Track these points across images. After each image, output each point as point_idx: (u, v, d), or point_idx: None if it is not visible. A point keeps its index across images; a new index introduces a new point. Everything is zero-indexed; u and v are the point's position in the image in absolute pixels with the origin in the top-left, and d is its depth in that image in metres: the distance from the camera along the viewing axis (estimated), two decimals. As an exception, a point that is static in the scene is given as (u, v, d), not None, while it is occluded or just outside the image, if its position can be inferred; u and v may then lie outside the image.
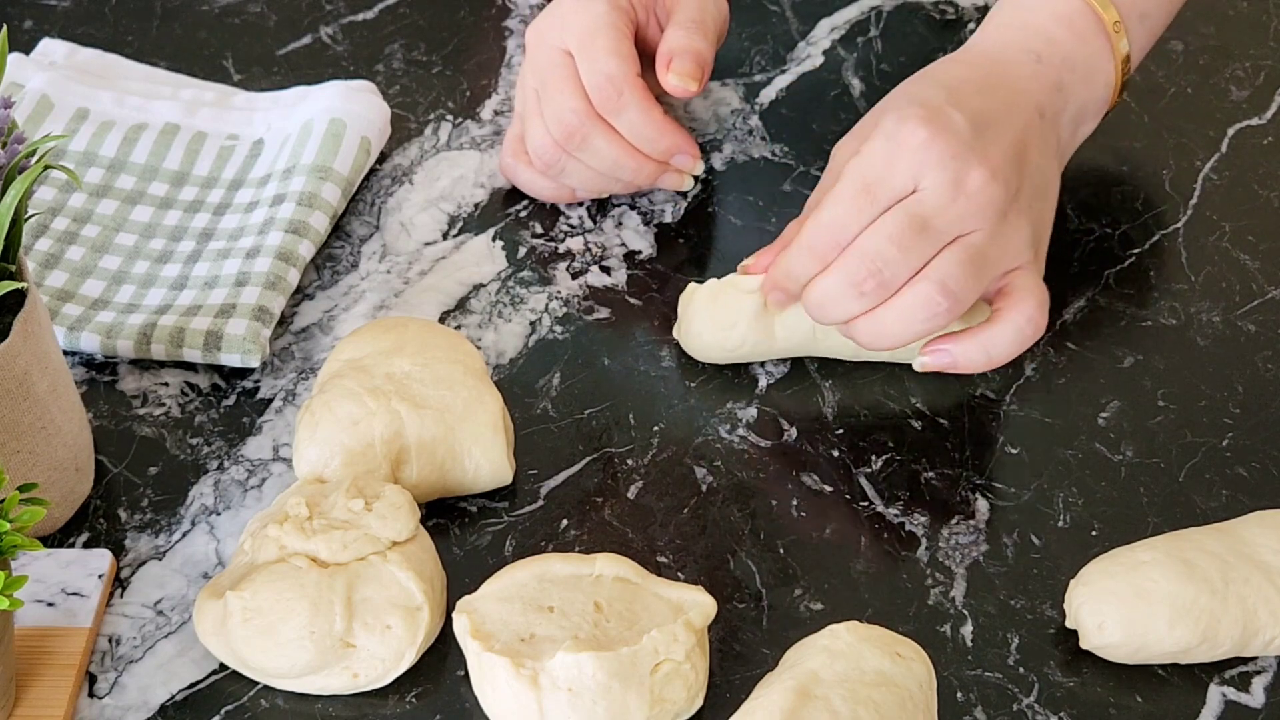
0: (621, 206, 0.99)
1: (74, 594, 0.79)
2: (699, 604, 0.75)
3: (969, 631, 0.79)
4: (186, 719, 0.76)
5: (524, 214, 0.98)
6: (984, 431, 0.87)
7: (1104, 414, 0.88)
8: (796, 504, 0.84)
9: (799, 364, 0.90)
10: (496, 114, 1.04)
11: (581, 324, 0.93)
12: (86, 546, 0.82)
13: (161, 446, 0.87)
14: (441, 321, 0.93)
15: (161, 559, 0.82)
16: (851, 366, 0.90)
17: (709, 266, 0.96)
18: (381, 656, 0.75)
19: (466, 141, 1.03)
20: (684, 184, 0.97)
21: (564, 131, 0.92)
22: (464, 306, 0.94)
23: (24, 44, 1.06)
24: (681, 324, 0.90)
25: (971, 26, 1.10)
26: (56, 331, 0.89)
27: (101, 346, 0.89)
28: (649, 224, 0.98)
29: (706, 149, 1.02)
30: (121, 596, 0.80)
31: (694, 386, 0.89)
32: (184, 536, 0.83)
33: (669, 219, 0.98)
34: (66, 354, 0.90)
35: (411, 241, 0.97)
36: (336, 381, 0.83)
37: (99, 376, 0.90)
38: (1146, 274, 0.95)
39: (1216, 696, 0.77)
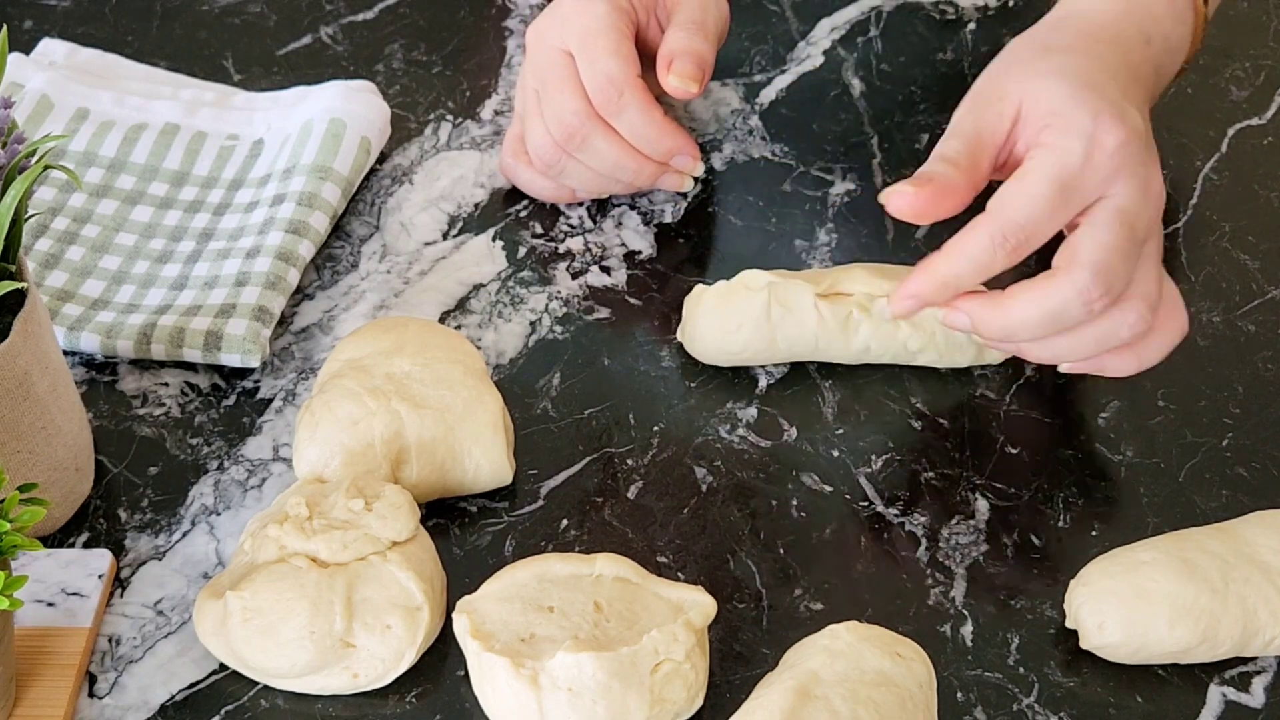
0: (621, 206, 0.99)
1: (74, 594, 0.79)
2: (699, 604, 0.75)
3: (969, 631, 0.79)
4: (186, 719, 0.76)
5: (524, 214, 0.99)
6: (984, 431, 0.87)
7: (1104, 414, 0.88)
8: (796, 504, 0.84)
9: (799, 364, 0.90)
10: (496, 114, 1.04)
11: (581, 324, 0.93)
12: (86, 546, 0.82)
13: (161, 446, 0.87)
14: (441, 321, 0.93)
15: (161, 559, 0.82)
16: (852, 366, 0.90)
17: (709, 266, 0.96)
18: (381, 656, 0.75)
19: (466, 141, 1.03)
20: (684, 185, 0.97)
21: (564, 132, 0.92)
22: (464, 306, 0.94)
23: (24, 44, 1.06)
24: (686, 325, 0.90)
25: (972, 26, 1.10)
26: (56, 331, 0.89)
27: (101, 346, 0.89)
28: (649, 224, 0.98)
29: (706, 149, 1.02)
30: (121, 596, 0.80)
31: (694, 386, 0.89)
32: (184, 536, 0.83)
33: (669, 219, 0.98)
34: (66, 354, 0.90)
35: (411, 241, 0.97)
36: (336, 381, 0.83)
37: (99, 376, 0.90)
38: (1146, 274, 0.95)
39: (1216, 696, 0.77)
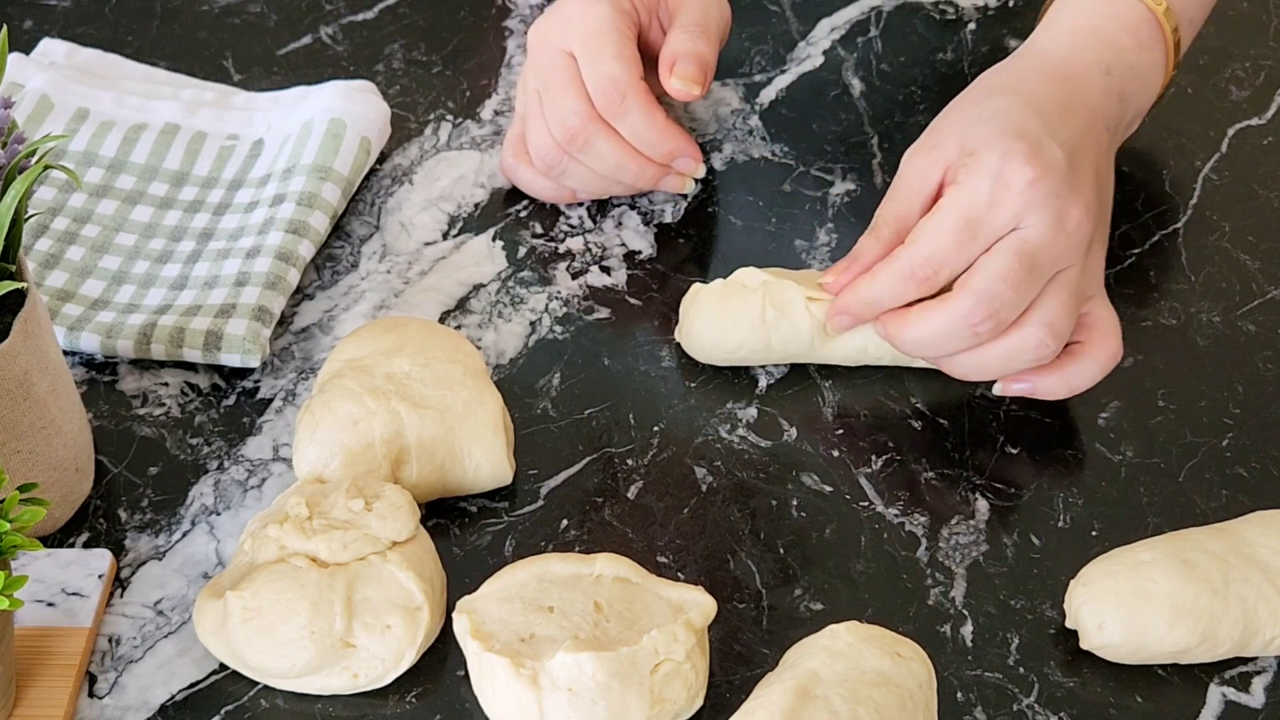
0: (621, 206, 0.99)
1: (74, 594, 0.79)
2: (699, 604, 0.75)
3: (969, 631, 0.79)
4: (186, 719, 0.76)
5: (524, 214, 0.99)
6: (984, 431, 0.87)
7: (1104, 414, 0.88)
8: (796, 504, 0.84)
9: (799, 364, 0.90)
10: (496, 114, 1.04)
11: (581, 324, 0.93)
12: (86, 546, 0.82)
13: (161, 446, 0.87)
14: (441, 321, 0.93)
15: (161, 559, 0.82)
16: (852, 367, 0.90)
17: (709, 266, 0.96)
18: (381, 656, 0.75)
19: (466, 141, 1.03)
20: (685, 187, 0.97)
21: (566, 133, 0.92)
22: (464, 306, 0.94)
23: (24, 44, 1.06)
24: (683, 324, 0.90)
25: (972, 26, 1.10)
26: (56, 331, 0.89)
27: (101, 346, 0.89)
28: (649, 224, 0.98)
29: (706, 149, 1.02)
30: (121, 596, 0.80)
31: (694, 386, 0.89)
32: (184, 536, 0.83)
33: (669, 219, 0.98)
34: (66, 354, 0.90)
35: (411, 241, 0.97)
36: (336, 381, 0.83)
37: (99, 376, 0.90)
38: (1146, 274, 0.96)
39: (1216, 696, 0.77)
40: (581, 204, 0.99)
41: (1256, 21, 1.11)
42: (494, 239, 0.97)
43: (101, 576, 0.79)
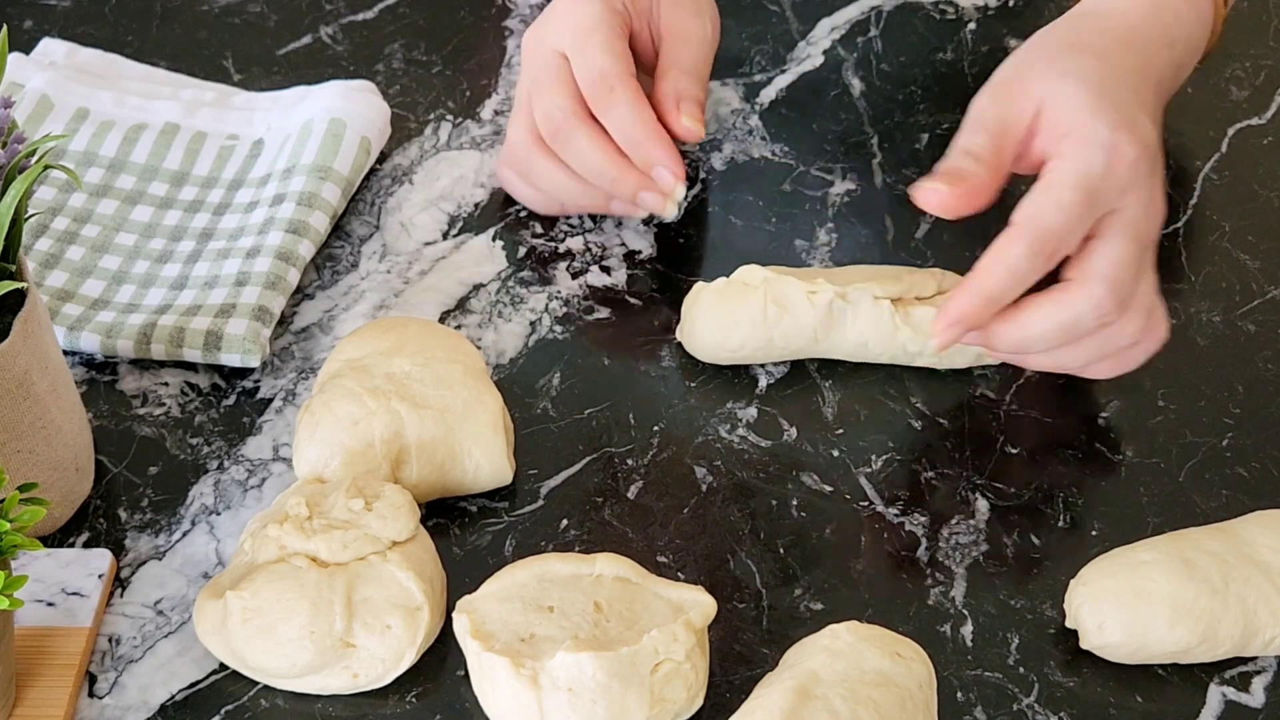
0: (621, 206, 0.99)
1: (74, 594, 0.79)
2: (699, 604, 0.75)
3: (969, 631, 0.79)
4: (186, 719, 0.76)
5: (524, 214, 0.98)
6: (984, 431, 0.87)
7: (1104, 414, 0.88)
8: (796, 504, 0.84)
9: (799, 364, 0.90)
10: (496, 114, 1.04)
11: (581, 324, 0.93)
12: (86, 546, 0.82)
13: (161, 446, 0.87)
14: (441, 321, 0.93)
15: (161, 559, 0.82)
16: (852, 366, 0.90)
17: (709, 266, 0.96)
18: (381, 656, 0.75)
19: (466, 141, 1.03)
20: (665, 210, 0.92)
21: (550, 127, 0.92)
22: (464, 306, 0.94)
23: (24, 44, 1.06)
24: (685, 323, 0.90)
25: (972, 26, 1.10)
26: (56, 331, 0.89)
27: (101, 346, 0.89)
28: (649, 224, 0.98)
29: (707, 149, 1.02)
30: (121, 596, 0.80)
31: (694, 386, 0.89)
32: (184, 536, 0.83)
33: (669, 219, 0.98)
34: (66, 354, 0.90)
35: (411, 241, 0.97)
36: (336, 381, 0.83)
37: (99, 376, 0.90)
38: (1146, 274, 0.95)
39: (1216, 696, 0.77)
40: (581, 204, 0.99)
41: (1256, 21, 1.11)
42: (494, 239, 0.97)
43: (101, 576, 0.79)
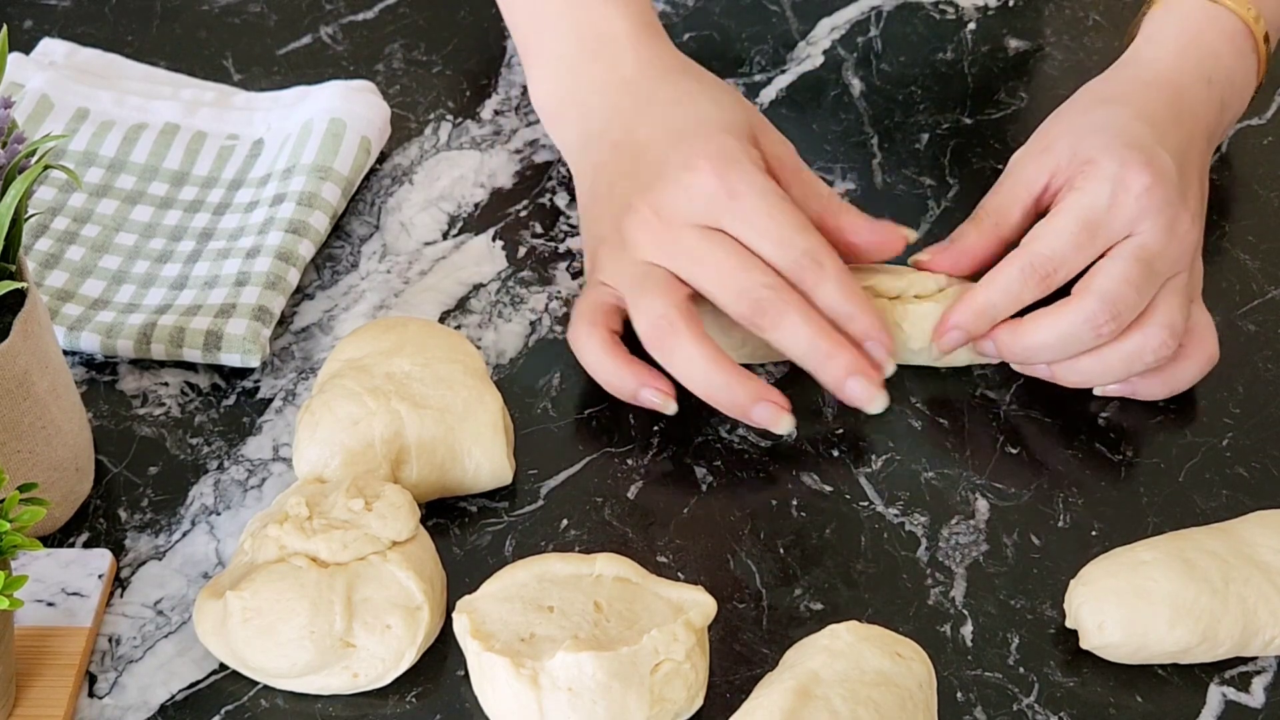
0: (621, 206, 0.99)
1: (74, 594, 0.79)
2: (699, 604, 0.75)
3: (969, 631, 0.79)
4: (186, 719, 0.76)
5: (524, 214, 0.98)
6: (984, 431, 0.87)
7: (1104, 414, 0.88)
8: (796, 504, 0.84)
9: (795, 370, 0.90)
10: (496, 114, 1.04)
11: (581, 324, 0.92)
12: (86, 546, 0.82)
13: (161, 446, 0.87)
14: (441, 321, 0.93)
15: (161, 559, 0.82)
16: (851, 366, 0.90)
17: (709, 266, 0.96)
18: (381, 656, 0.75)
19: (466, 141, 1.03)
20: (874, 402, 0.85)
21: (753, 306, 0.84)
22: (464, 306, 0.94)
23: (24, 44, 1.06)
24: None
25: (972, 26, 1.10)
26: (56, 331, 0.89)
27: (101, 346, 0.89)
28: (649, 224, 0.98)
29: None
30: (121, 596, 0.80)
31: (694, 386, 0.89)
32: (184, 536, 0.83)
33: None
34: (66, 354, 0.90)
35: (411, 241, 0.97)
36: (336, 381, 0.83)
37: (99, 376, 0.90)
38: (1146, 274, 0.95)
39: (1216, 696, 0.77)
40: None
41: (1256, 21, 1.11)
42: (494, 239, 0.97)
43: (101, 576, 0.79)
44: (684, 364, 0.84)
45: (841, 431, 0.87)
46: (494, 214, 0.99)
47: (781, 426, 0.84)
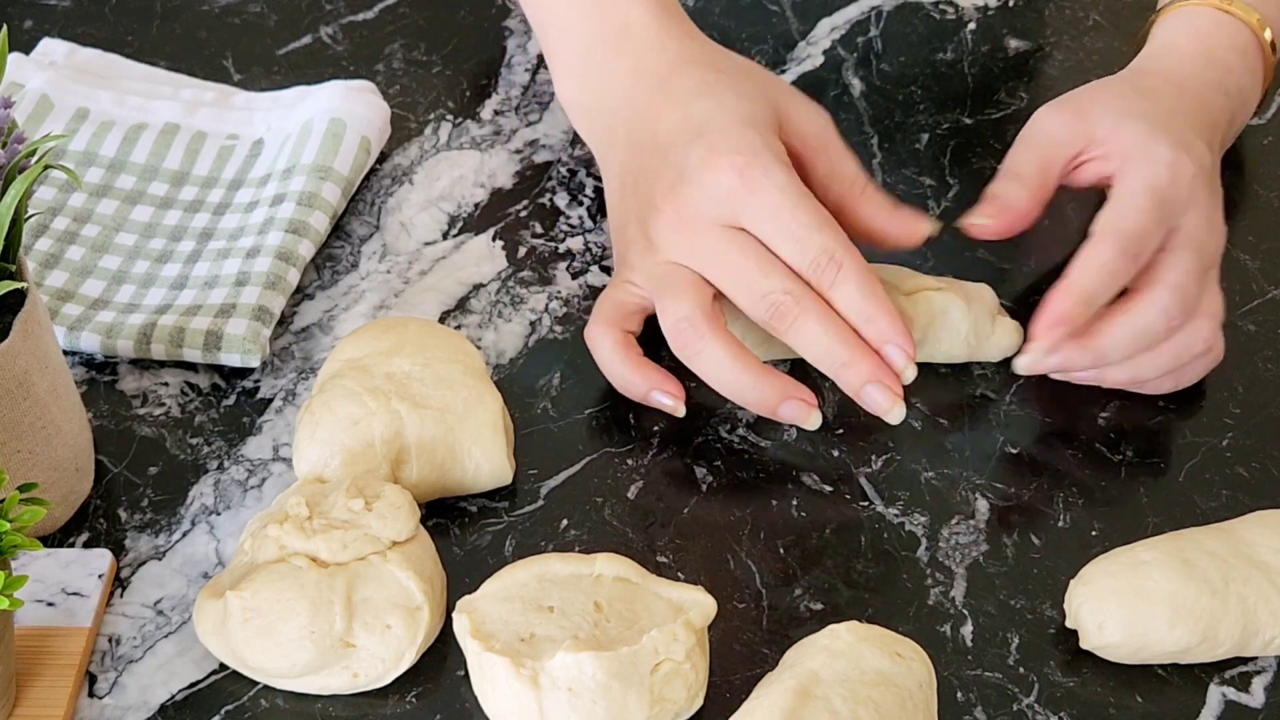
0: (621, 206, 0.99)
1: (74, 594, 0.79)
2: (699, 604, 0.75)
3: (969, 631, 0.79)
4: (186, 719, 0.76)
5: (524, 214, 0.98)
6: (984, 431, 0.87)
7: (1104, 414, 0.88)
8: (796, 504, 0.84)
9: (799, 364, 0.90)
10: (496, 114, 1.04)
11: (581, 324, 0.92)
12: (86, 546, 0.82)
13: (161, 446, 0.87)
14: (441, 321, 0.93)
15: (161, 559, 0.82)
16: (851, 366, 0.90)
17: (709, 266, 0.96)
18: (381, 656, 0.75)
19: (466, 141, 1.03)
20: (894, 411, 0.84)
21: (772, 309, 0.83)
22: (464, 306, 0.94)
23: (24, 44, 1.06)
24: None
25: (972, 26, 1.10)
26: (56, 331, 0.89)
27: (101, 346, 0.89)
28: (649, 224, 0.98)
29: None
30: (121, 596, 0.80)
31: (694, 386, 0.89)
32: (184, 536, 0.83)
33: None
34: (66, 354, 0.90)
35: (411, 241, 0.97)
36: (336, 381, 0.83)
37: (99, 376, 0.90)
38: (1146, 274, 0.95)
39: (1216, 696, 0.77)
40: (581, 204, 0.99)
41: (1256, 21, 1.11)
42: (494, 239, 0.97)
43: (101, 576, 0.79)
44: (710, 365, 0.84)
45: (841, 431, 0.87)
46: (494, 214, 0.99)
47: (810, 423, 0.84)
